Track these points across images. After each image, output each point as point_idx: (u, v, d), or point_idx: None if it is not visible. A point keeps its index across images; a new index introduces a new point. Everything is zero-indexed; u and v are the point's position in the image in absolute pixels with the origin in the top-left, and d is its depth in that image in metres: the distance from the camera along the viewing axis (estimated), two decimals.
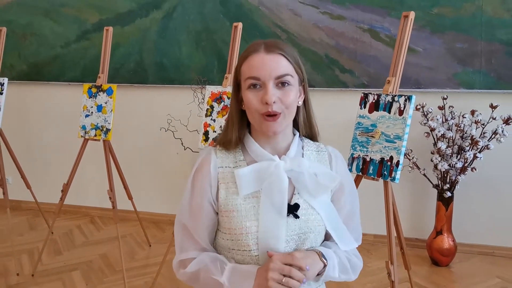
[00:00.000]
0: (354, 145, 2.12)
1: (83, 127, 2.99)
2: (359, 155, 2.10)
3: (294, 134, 1.23)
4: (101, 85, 2.96)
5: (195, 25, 3.67)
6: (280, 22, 3.47)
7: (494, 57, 3.07)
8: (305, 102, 1.22)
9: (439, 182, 3.08)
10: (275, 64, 1.12)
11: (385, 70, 3.14)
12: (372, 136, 2.05)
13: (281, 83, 1.12)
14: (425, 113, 3.05)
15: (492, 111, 2.94)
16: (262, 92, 1.12)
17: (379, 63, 3.28)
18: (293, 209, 1.15)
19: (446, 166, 2.93)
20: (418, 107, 3.04)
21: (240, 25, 2.64)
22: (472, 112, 2.98)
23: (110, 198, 2.86)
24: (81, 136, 3.00)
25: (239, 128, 1.20)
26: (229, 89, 2.58)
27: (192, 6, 3.65)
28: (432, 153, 3.05)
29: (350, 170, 2.12)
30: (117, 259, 3.21)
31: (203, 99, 3.19)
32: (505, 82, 3.06)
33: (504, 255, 3.22)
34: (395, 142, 1.95)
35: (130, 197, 3.27)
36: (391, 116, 1.99)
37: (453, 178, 3.01)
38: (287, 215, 1.14)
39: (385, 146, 1.98)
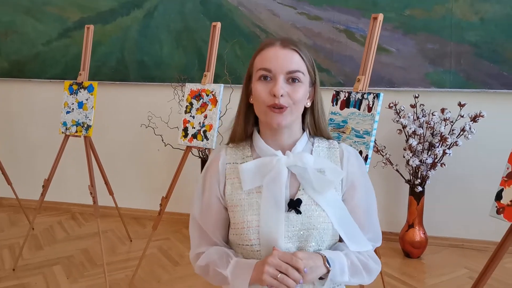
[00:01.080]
0: None
1: (64, 124, 3.03)
2: None
3: (303, 132, 1.24)
4: (82, 82, 3.01)
5: (175, 24, 3.74)
6: (259, 22, 3.56)
7: (463, 58, 3.21)
8: (314, 104, 1.22)
9: (411, 177, 3.20)
10: (288, 59, 1.13)
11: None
12: (343, 132, 2.15)
13: (292, 79, 1.13)
14: (398, 111, 3.17)
15: (460, 109, 3.07)
16: (271, 84, 1.13)
17: (354, 62, 3.39)
18: (295, 204, 1.14)
19: (417, 162, 3.06)
20: (391, 105, 3.16)
21: (218, 24, 2.72)
22: (442, 110, 3.11)
23: (91, 193, 2.91)
24: (62, 133, 3.04)
25: (245, 121, 1.22)
26: (207, 86, 2.66)
27: (173, 6, 3.72)
28: (404, 149, 3.17)
29: None
30: (98, 254, 3.27)
31: (183, 96, 3.26)
32: (473, 81, 3.20)
33: (472, 247, 3.36)
34: (364, 138, 2.05)
35: (111, 193, 3.33)
36: (360, 113, 2.10)
37: (424, 173, 3.13)
38: (289, 210, 1.14)
39: (355, 141, 2.09)
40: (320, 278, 1.13)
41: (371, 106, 2.06)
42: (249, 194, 1.17)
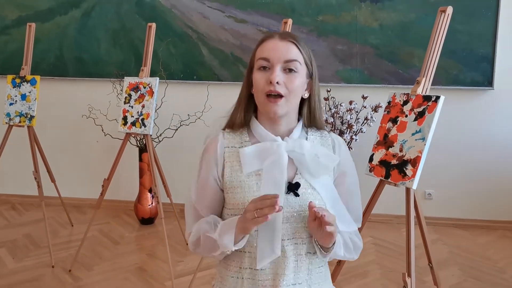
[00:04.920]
0: None
1: (8, 115, 3.24)
2: None
3: (299, 121, 1.30)
4: (24, 76, 3.23)
5: (112, 24, 4.01)
6: (191, 24, 3.93)
7: (366, 58, 3.76)
8: (311, 96, 1.28)
9: None
10: (285, 49, 1.19)
11: None
12: None
13: (289, 69, 1.19)
14: None
15: (364, 101, 3.61)
16: (269, 73, 1.19)
17: None
18: (293, 187, 1.21)
19: None
20: None
21: (154, 25, 3.05)
22: (350, 102, 3.63)
23: (35, 178, 3.14)
24: (6, 123, 3.24)
25: (245, 110, 1.27)
26: (144, 79, 2.99)
27: (110, 6, 3.99)
28: None
29: None
30: (41, 238, 3.48)
31: (121, 90, 3.55)
32: (375, 78, 3.76)
33: (377, 220, 3.92)
34: None
35: (53, 180, 3.54)
36: None
37: None
38: (288, 193, 1.20)
39: None
40: (322, 252, 1.22)
41: None
42: (248, 177, 1.22)
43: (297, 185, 1.20)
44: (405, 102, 1.94)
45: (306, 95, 1.26)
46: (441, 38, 1.85)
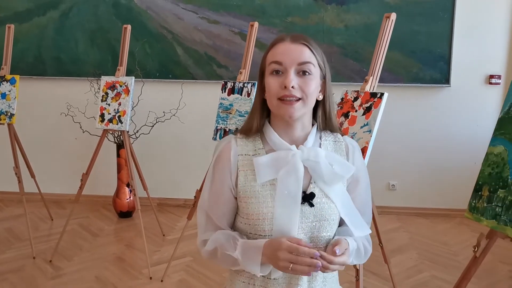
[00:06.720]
0: (217, 120, 2.83)
1: None
2: (221, 127, 2.81)
3: (313, 125, 1.25)
4: (4, 75, 3.36)
5: (90, 25, 4.15)
6: (166, 24, 4.09)
7: (333, 57, 3.97)
8: (325, 98, 1.23)
9: None
10: (298, 52, 1.15)
11: (253, 66, 3.91)
12: (230, 113, 2.77)
13: (303, 72, 1.15)
14: None
15: None
16: (282, 77, 1.15)
17: None
18: (308, 198, 1.18)
19: None
20: None
21: (129, 27, 3.21)
22: None
23: (16, 174, 3.27)
24: None
25: (260, 116, 1.23)
26: (121, 78, 3.15)
27: (87, 8, 4.13)
28: None
29: (215, 139, 2.82)
30: (22, 231, 3.61)
31: (99, 88, 3.70)
32: (341, 76, 3.98)
33: None
34: (245, 116, 2.68)
35: (32, 176, 3.67)
36: (242, 98, 2.73)
37: None
38: (303, 204, 1.17)
39: (238, 120, 2.71)
40: None
41: (249, 92, 2.70)
42: (263, 186, 1.19)
43: (312, 195, 1.19)
44: (356, 99, 2.15)
45: (320, 97, 1.22)
46: (386, 41, 2.06)
